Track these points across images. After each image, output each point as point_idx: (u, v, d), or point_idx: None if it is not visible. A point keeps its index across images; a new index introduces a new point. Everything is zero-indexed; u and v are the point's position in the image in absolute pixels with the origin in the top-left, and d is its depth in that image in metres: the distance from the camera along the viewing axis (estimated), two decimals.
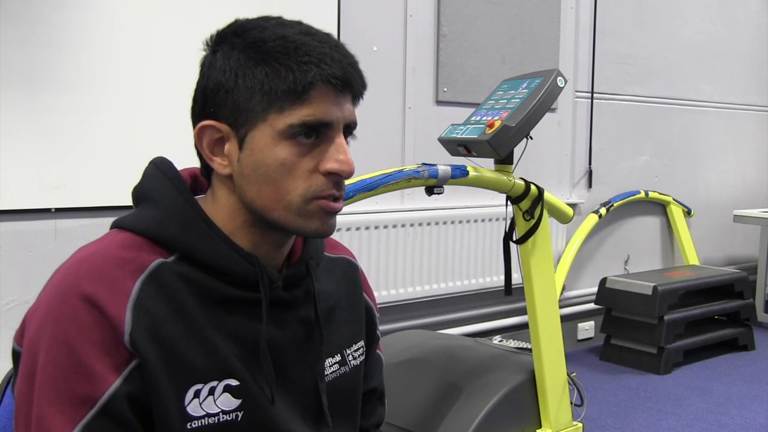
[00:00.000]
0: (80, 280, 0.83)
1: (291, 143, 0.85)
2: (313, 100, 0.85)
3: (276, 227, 0.90)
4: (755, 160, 5.06)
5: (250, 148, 0.86)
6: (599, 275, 3.97)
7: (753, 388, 3.46)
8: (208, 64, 0.89)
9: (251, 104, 0.85)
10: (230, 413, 0.87)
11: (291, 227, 0.89)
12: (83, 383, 0.79)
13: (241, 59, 0.86)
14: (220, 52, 0.88)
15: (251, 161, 0.86)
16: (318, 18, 0.94)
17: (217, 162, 0.89)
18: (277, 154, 0.85)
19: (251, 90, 0.85)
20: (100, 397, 0.80)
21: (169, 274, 0.86)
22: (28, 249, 2.28)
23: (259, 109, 0.85)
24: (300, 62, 0.84)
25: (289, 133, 0.85)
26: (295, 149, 0.86)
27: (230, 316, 0.88)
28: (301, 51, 0.85)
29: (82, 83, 2.30)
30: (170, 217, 0.88)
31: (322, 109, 0.85)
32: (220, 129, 0.87)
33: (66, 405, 0.79)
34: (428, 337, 2.75)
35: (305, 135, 0.85)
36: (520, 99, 2.23)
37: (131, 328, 0.81)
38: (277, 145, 0.85)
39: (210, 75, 0.88)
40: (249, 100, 0.85)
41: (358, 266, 1.11)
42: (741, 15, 4.79)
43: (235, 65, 0.86)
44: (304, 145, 0.86)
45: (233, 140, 0.87)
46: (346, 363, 1.03)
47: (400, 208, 3.16)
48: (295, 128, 0.85)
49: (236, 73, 0.85)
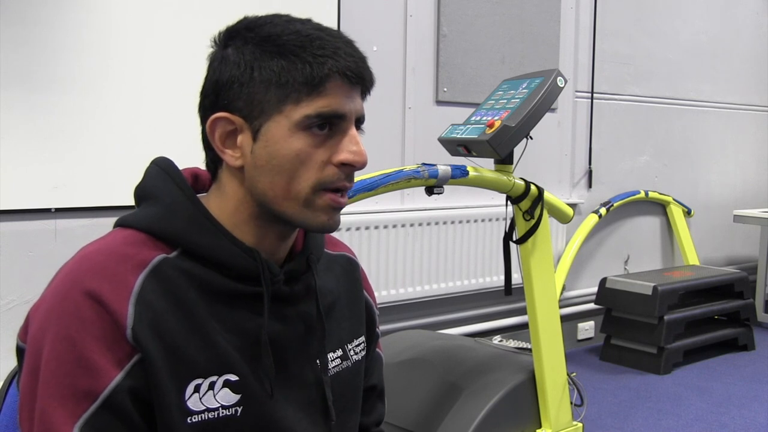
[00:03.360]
0: (83, 276, 0.84)
1: (306, 134, 0.87)
2: (329, 92, 0.86)
3: (282, 220, 0.91)
4: (755, 160, 5.06)
5: (265, 139, 0.87)
6: (599, 275, 3.97)
7: (753, 388, 3.46)
8: (219, 58, 0.90)
9: (267, 96, 0.86)
10: (230, 408, 0.88)
11: (298, 219, 0.90)
12: (85, 377, 0.80)
13: (256, 52, 0.87)
14: (232, 46, 0.89)
15: (266, 152, 0.87)
16: (318, 18, 0.94)
17: (228, 154, 0.90)
18: (292, 145, 0.87)
19: (267, 82, 0.86)
20: (102, 391, 0.80)
21: (172, 269, 0.87)
22: (28, 249, 2.28)
23: (275, 100, 0.86)
24: (315, 55, 0.86)
25: (304, 125, 0.86)
26: (310, 140, 0.87)
27: (232, 311, 0.89)
28: (316, 44, 0.86)
29: (82, 83, 2.30)
30: (172, 213, 0.89)
31: (337, 101, 0.87)
32: (233, 121, 0.89)
33: (68, 399, 0.80)
34: (428, 337, 2.75)
35: (319, 127, 0.87)
36: (520, 99, 2.23)
37: (133, 323, 0.82)
38: (292, 136, 0.87)
39: (222, 69, 0.89)
40: (265, 92, 0.86)
41: (358, 263, 1.12)
42: (741, 15, 4.79)
43: (250, 58, 0.87)
44: (318, 136, 0.87)
45: (247, 132, 0.88)
46: (348, 357, 1.03)
47: (400, 208, 3.16)
48: (311, 119, 0.86)
49: (251, 66, 0.87)
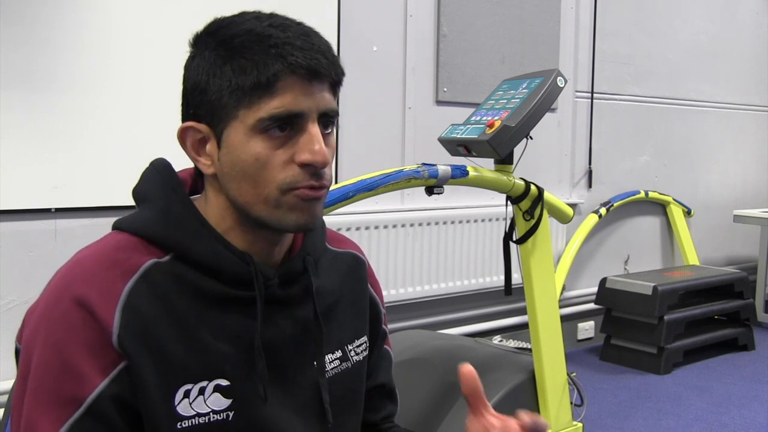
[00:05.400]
0: (74, 282, 0.84)
1: (264, 137, 0.85)
2: (281, 92, 0.84)
3: (261, 224, 0.89)
4: (755, 160, 5.06)
5: (227, 146, 0.86)
6: (599, 275, 3.97)
7: (753, 388, 3.46)
8: (187, 65, 0.90)
9: (223, 102, 0.85)
10: (221, 413, 0.87)
11: (273, 222, 0.88)
12: (70, 384, 0.80)
13: (211, 58, 0.86)
14: (197, 52, 0.89)
15: (229, 159, 0.86)
16: (318, 18, 0.94)
17: (201, 162, 0.89)
18: (251, 150, 0.85)
19: (221, 88, 0.85)
20: (86, 397, 0.80)
21: (162, 274, 0.86)
22: (28, 249, 2.28)
23: (231, 106, 0.85)
24: (262, 55, 0.84)
25: (260, 128, 0.85)
26: (269, 143, 0.85)
27: (225, 315, 0.89)
28: (265, 44, 0.84)
29: (82, 83, 2.30)
30: (165, 217, 0.89)
31: (290, 100, 0.84)
32: (200, 129, 0.88)
33: (53, 405, 0.80)
34: (428, 337, 2.74)
35: (278, 128, 0.85)
36: (520, 99, 2.23)
37: (120, 330, 0.82)
38: (250, 140, 0.85)
39: (188, 77, 0.89)
40: (221, 99, 0.85)
41: (365, 261, 1.10)
42: (741, 15, 4.79)
43: (206, 65, 0.86)
44: (277, 138, 0.85)
45: (213, 140, 0.88)
46: (348, 359, 1.02)
47: (400, 208, 3.16)
48: (265, 122, 0.84)
49: (208, 72, 0.86)
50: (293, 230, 0.91)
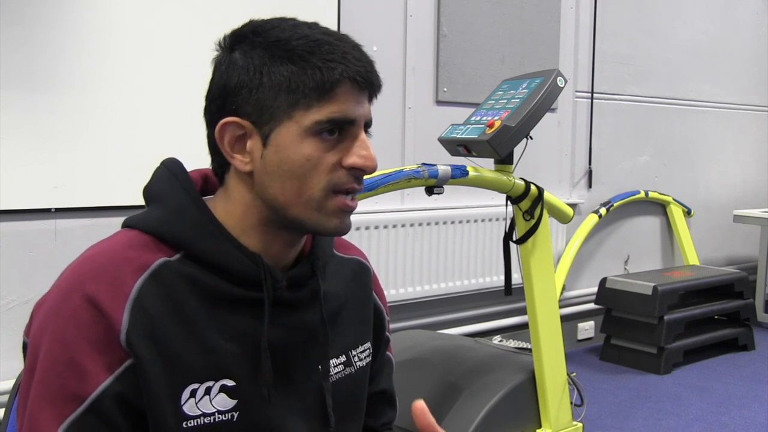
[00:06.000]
0: (84, 278, 0.84)
1: (316, 139, 0.87)
2: (339, 97, 0.87)
3: (293, 225, 0.90)
4: (755, 160, 5.06)
5: (276, 145, 0.87)
6: (599, 275, 3.97)
7: (753, 388, 3.46)
8: (226, 63, 0.89)
9: (277, 101, 0.86)
10: (226, 413, 0.87)
11: (310, 224, 0.90)
12: (74, 380, 0.81)
13: (264, 57, 0.87)
14: (239, 51, 0.88)
15: (276, 158, 0.87)
16: (318, 18, 0.94)
17: (237, 159, 0.89)
18: (302, 150, 0.87)
19: (277, 87, 0.86)
20: (89, 394, 0.81)
21: (172, 273, 0.86)
22: (28, 249, 2.28)
23: (285, 106, 0.86)
24: (325, 60, 0.86)
25: (315, 130, 0.86)
26: (320, 145, 0.87)
27: (233, 316, 0.89)
28: (325, 49, 0.86)
29: (82, 83, 2.30)
30: (176, 216, 0.89)
31: (347, 107, 0.87)
32: (242, 126, 0.88)
33: (57, 401, 0.81)
34: (428, 337, 2.75)
35: (329, 132, 0.87)
36: (520, 99, 2.23)
37: (128, 328, 0.82)
38: (302, 141, 0.86)
39: (230, 73, 0.88)
40: (275, 98, 0.86)
41: (370, 268, 1.11)
42: (741, 15, 4.79)
43: (258, 63, 0.87)
44: (328, 141, 0.87)
45: (256, 137, 0.88)
46: (352, 364, 1.02)
47: (400, 208, 3.16)
48: (321, 125, 0.86)
49: (260, 70, 0.86)
50: (329, 234, 0.93)
